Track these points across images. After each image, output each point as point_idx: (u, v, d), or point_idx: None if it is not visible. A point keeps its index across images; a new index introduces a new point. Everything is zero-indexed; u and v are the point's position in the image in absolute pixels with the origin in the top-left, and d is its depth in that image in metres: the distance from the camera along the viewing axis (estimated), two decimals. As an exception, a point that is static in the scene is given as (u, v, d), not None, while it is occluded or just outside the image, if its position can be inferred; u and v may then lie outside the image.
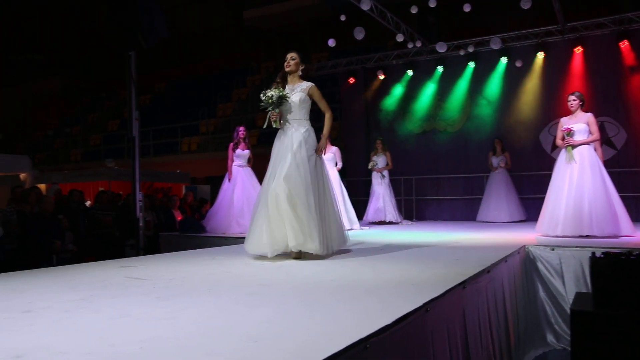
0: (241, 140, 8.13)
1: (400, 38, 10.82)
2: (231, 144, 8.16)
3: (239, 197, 7.88)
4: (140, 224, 7.15)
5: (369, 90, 12.47)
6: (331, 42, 10.75)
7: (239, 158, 8.11)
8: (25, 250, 7.07)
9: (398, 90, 12.10)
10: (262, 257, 4.37)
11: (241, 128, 8.25)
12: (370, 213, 9.82)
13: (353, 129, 12.65)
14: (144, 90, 19.26)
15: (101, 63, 23.85)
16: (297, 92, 4.59)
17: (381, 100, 12.22)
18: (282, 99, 4.54)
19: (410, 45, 11.29)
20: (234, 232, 7.63)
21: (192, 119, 17.23)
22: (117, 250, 8.17)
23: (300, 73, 4.72)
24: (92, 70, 24.23)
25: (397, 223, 9.69)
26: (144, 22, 6.13)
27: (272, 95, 4.50)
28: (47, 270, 4.23)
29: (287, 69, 4.68)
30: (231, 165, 8.08)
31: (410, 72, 11.93)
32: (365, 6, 9.29)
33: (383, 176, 9.83)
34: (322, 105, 4.66)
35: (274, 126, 4.64)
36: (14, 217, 7.29)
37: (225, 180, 8.16)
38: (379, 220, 9.70)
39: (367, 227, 8.80)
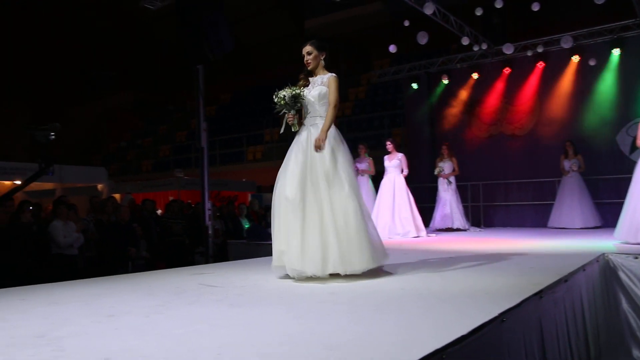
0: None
1: (465, 41, 10.59)
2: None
3: (305, 204, 7.93)
4: (210, 231, 7.35)
5: (433, 95, 12.29)
6: (392, 48, 10.68)
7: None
8: (103, 257, 7.42)
9: (463, 94, 11.86)
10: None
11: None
12: (437, 220, 9.65)
13: (417, 135, 12.50)
14: (210, 101, 19.85)
15: (169, 77, 24.82)
16: (317, 85, 4.12)
17: (446, 105, 12.01)
18: (297, 99, 4.06)
19: (475, 48, 11.04)
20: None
21: (257, 128, 17.57)
22: (187, 257, 8.43)
23: (324, 63, 4.25)
24: (161, 84, 25.23)
25: (464, 230, 9.47)
26: (210, 36, 6.32)
27: (285, 96, 4.05)
28: (125, 277, 4.42)
29: (308, 67, 4.23)
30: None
31: (475, 75, 11.67)
32: (428, 10, 9.17)
33: (449, 182, 9.63)
34: (332, 97, 4.04)
35: (293, 130, 4.16)
36: (92, 226, 7.68)
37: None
38: (446, 227, 9.51)
39: (434, 234, 8.65)
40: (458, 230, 9.41)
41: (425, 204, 10.41)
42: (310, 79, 4.21)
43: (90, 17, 23.87)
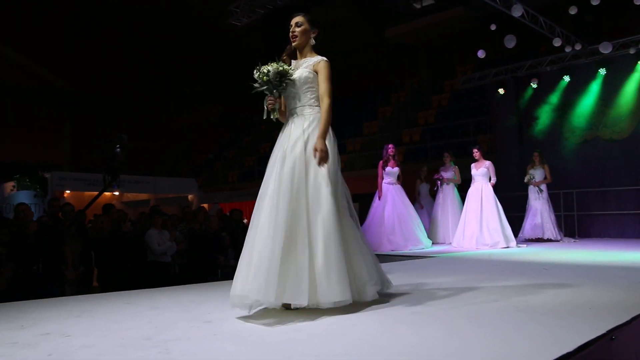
0: (390, 157, 8.18)
1: (557, 42, 10.11)
2: (381, 162, 8.24)
3: (390, 214, 7.92)
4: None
5: (522, 100, 11.82)
6: (480, 54, 10.40)
7: (389, 175, 8.16)
8: (194, 264, 7.74)
9: (554, 98, 11.31)
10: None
11: (390, 146, 8.30)
12: (527, 230, 9.24)
13: (505, 142, 12.05)
14: (292, 113, 20.19)
15: (253, 90, 25.55)
16: (302, 68, 3.29)
17: (535, 110, 11.50)
18: (283, 78, 3.22)
19: (567, 49, 10.51)
20: (385, 249, 7.65)
21: (339, 138, 17.60)
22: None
23: (313, 42, 3.38)
24: (245, 97, 26.03)
25: (557, 241, 8.99)
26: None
27: (268, 72, 3.19)
28: (217, 284, 4.57)
29: (293, 43, 3.35)
30: (381, 182, 8.16)
31: (567, 78, 11.11)
32: (516, 12, 8.87)
33: (541, 190, 9.21)
34: (322, 87, 3.23)
35: (272, 117, 3.34)
36: (184, 234, 8.03)
37: (376, 198, 8.25)
38: (537, 237, 9.09)
39: (524, 245, 8.28)
40: (549, 240, 8.97)
41: (515, 213, 10.00)
42: (294, 61, 3.39)
43: (179, 35, 25.19)
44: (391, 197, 8.09)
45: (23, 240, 5.56)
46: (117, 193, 14.29)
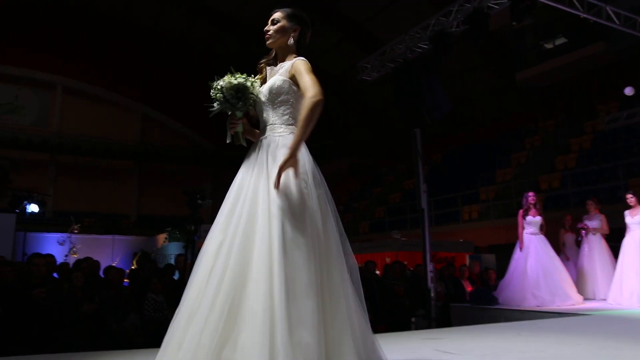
0: (531, 206, 7.73)
1: None
2: (521, 211, 7.83)
3: (533, 266, 7.41)
4: (432, 294, 7.25)
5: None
6: (629, 91, 9.65)
7: (530, 225, 7.70)
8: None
9: None
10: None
11: (531, 194, 7.88)
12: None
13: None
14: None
15: (381, 142, 25.96)
16: (276, 75, 2.66)
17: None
18: (241, 94, 2.60)
19: None
20: (530, 304, 7.14)
21: (471, 187, 17.17)
22: (406, 320, 8.37)
23: (292, 42, 2.70)
24: (373, 149, 26.50)
25: None
26: (427, 99, 6.48)
27: (221, 87, 2.60)
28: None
29: (267, 43, 2.74)
30: (522, 233, 7.72)
31: None
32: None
33: None
34: (304, 81, 2.51)
35: (237, 142, 2.72)
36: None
37: (517, 250, 7.80)
38: None
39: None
40: None
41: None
42: (269, 68, 2.76)
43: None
44: (534, 248, 7.60)
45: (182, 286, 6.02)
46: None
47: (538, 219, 7.69)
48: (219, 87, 2.59)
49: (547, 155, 16.28)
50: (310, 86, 2.47)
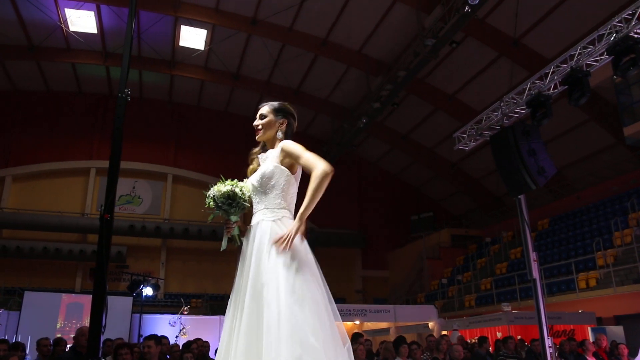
0: (659, 271, 7.01)
1: None
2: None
3: (672, 339, 6.61)
4: (555, 372, 6.64)
5: None
6: None
7: (661, 292, 6.95)
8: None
9: None
10: None
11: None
12: None
13: None
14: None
15: (484, 210, 25.18)
16: (267, 161, 2.81)
17: None
18: (232, 199, 2.72)
19: None
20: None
21: (586, 252, 15.99)
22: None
23: (281, 136, 2.87)
24: (476, 218, 25.79)
25: None
26: (530, 164, 6.26)
27: (213, 196, 2.74)
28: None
29: (256, 137, 2.92)
30: (652, 301, 6.97)
31: None
32: None
33: None
34: (305, 159, 2.63)
35: (234, 244, 2.84)
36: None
37: (648, 320, 7.03)
38: None
39: None
40: None
41: None
42: (260, 157, 2.92)
43: (407, 166, 26.81)
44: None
45: None
46: (357, 322, 14.73)
47: (670, 285, 6.93)
48: (210, 196, 2.75)
49: (671, 213, 14.91)
50: (315, 161, 2.59)
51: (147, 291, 13.05)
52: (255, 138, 2.94)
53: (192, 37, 20.52)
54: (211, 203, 2.74)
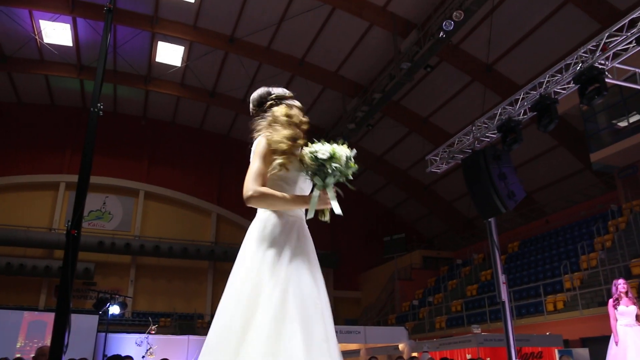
0: (622, 295, 7.16)
1: None
2: (610, 301, 7.25)
3: (635, 362, 6.73)
4: (523, 395, 6.68)
5: None
6: None
7: (624, 316, 7.09)
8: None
9: None
10: None
11: (620, 281, 7.31)
12: None
13: None
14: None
15: (455, 233, 25.42)
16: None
17: None
18: (335, 162, 2.48)
19: None
20: (636, 406, 6.41)
21: (554, 275, 16.25)
22: None
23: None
24: (447, 240, 26.01)
25: None
26: (501, 188, 6.37)
27: (316, 154, 2.47)
28: None
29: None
30: (615, 325, 7.10)
31: None
32: None
33: None
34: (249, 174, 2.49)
35: (321, 218, 2.58)
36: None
37: (612, 344, 7.15)
38: None
39: None
40: None
41: None
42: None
43: (380, 189, 26.89)
44: (632, 341, 6.92)
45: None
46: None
47: (632, 308, 7.08)
48: (316, 153, 2.48)
49: (636, 237, 15.27)
50: (246, 179, 2.41)
51: (114, 309, 12.73)
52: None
53: (169, 53, 20.48)
54: (313, 163, 2.45)
